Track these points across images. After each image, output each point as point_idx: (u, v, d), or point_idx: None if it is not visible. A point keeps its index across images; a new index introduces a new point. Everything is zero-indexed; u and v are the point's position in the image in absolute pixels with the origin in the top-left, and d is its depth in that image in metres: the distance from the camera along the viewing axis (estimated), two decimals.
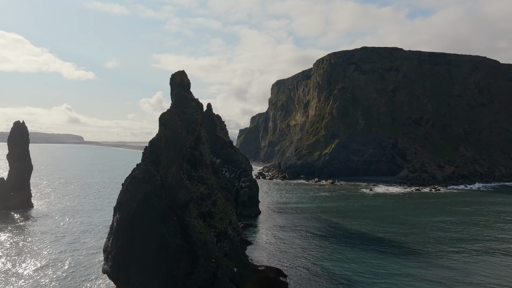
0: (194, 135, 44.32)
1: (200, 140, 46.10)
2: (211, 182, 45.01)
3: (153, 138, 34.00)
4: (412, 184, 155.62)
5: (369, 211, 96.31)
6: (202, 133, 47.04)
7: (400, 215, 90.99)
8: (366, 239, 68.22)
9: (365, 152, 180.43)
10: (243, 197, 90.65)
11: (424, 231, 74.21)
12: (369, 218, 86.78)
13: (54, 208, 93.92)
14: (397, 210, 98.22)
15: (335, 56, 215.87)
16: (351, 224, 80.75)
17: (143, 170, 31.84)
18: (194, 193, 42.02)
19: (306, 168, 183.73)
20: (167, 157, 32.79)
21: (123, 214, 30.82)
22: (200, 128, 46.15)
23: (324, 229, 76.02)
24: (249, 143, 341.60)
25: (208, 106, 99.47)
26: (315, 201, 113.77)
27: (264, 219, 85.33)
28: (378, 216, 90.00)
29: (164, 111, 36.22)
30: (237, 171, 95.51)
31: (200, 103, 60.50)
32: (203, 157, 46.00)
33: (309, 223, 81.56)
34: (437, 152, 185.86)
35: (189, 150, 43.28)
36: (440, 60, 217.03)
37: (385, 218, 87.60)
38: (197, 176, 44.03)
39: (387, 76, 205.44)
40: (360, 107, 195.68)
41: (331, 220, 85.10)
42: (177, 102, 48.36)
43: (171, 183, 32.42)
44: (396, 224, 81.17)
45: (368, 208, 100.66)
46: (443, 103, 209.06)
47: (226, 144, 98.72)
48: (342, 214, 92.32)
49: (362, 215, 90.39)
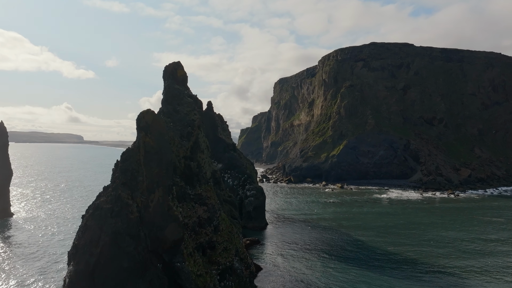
0: (190, 141, 34.02)
1: (198, 147, 35.72)
2: (212, 202, 34.56)
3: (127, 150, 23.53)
4: (428, 188, 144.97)
5: (390, 223, 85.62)
6: (201, 138, 36.58)
7: (428, 228, 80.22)
8: (395, 261, 57.60)
9: (376, 153, 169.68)
10: (248, 208, 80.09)
11: (466, 250, 63.58)
12: (393, 233, 76.13)
13: (36, 218, 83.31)
14: (422, 222, 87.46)
15: (342, 52, 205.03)
16: (373, 240, 70.09)
17: (111, 198, 21.44)
18: (191, 219, 31.45)
19: (313, 170, 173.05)
20: (148, 176, 22.48)
21: (80, 265, 20.38)
22: (198, 131, 35.79)
23: (344, 247, 65.38)
24: (251, 143, 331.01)
25: (209, 104, 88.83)
26: (326, 209, 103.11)
27: (272, 234, 74.68)
28: (402, 229, 79.30)
29: (144, 110, 25.72)
30: (241, 177, 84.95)
31: (199, 100, 49.98)
32: (202, 169, 35.60)
33: (325, 239, 70.91)
34: (451, 154, 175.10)
35: (183, 161, 32.94)
36: (453, 57, 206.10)
37: (411, 231, 76.91)
38: (195, 194, 33.60)
39: (398, 73, 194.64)
40: (369, 106, 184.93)
41: (349, 234, 74.45)
42: (168, 97, 37.72)
43: (154, 216, 22.04)
44: (427, 241, 70.48)
45: (388, 219, 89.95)
46: (456, 101, 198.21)
47: (229, 147, 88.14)
48: (360, 226, 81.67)
49: (383, 229, 79.73)
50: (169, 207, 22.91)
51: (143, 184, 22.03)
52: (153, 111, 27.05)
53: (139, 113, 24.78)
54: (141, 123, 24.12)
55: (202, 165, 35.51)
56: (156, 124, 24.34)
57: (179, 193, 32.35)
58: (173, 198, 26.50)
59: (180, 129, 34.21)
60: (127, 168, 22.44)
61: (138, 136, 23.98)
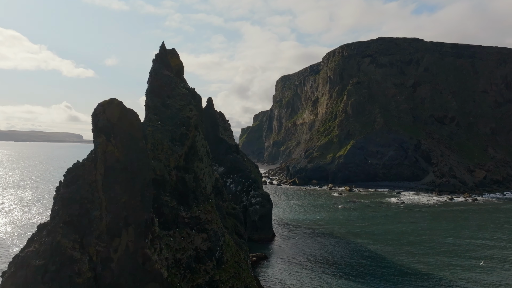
0: (184, 146, 25.54)
1: (196, 154, 27.19)
2: (214, 228, 26.04)
3: (74, 165, 14.91)
4: (442, 191, 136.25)
5: (411, 232, 76.88)
6: (199, 142, 27.92)
7: (454, 237, 71.49)
8: (426, 278, 48.89)
9: (385, 154, 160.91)
10: (253, 217, 71.37)
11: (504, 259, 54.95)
12: (415, 244, 67.44)
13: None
14: (446, 230, 78.70)
15: (348, 48, 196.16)
16: (395, 253, 61.42)
17: (44, 248, 12.68)
18: (185, 252, 22.83)
19: (318, 172, 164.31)
20: (110, 209, 13.78)
21: None
22: (195, 133, 27.24)
23: (361, 262, 56.71)
24: (252, 143, 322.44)
25: (209, 101, 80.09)
26: (337, 216, 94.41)
27: (280, 247, 65.98)
28: (424, 239, 70.59)
29: (106, 100, 16.97)
30: (245, 182, 76.25)
31: (197, 94, 41.11)
32: (200, 183, 27.08)
33: (340, 253, 62.24)
34: (464, 154, 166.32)
35: (175, 173, 24.42)
36: (463, 52, 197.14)
37: (435, 241, 68.20)
38: (190, 218, 25.11)
39: (407, 69, 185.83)
40: (377, 104, 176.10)
41: (366, 247, 65.77)
42: (155, 87, 28.48)
43: (120, 274, 13.40)
44: (457, 254, 61.77)
45: (407, 227, 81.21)
46: (468, 99, 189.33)
47: (231, 149, 79.46)
48: (377, 236, 72.98)
49: (404, 239, 71.03)
50: (145, 258, 14.66)
51: (101, 223, 13.66)
52: (120, 102, 18.37)
53: (97, 105, 16.12)
54: (100, 122, 15.52)
55: (201, 178, 26.93)
56: (125, 123, 15.94)
57: (170, 217, 23.80)
58: (154, 239, 17.83)
59: (171, 130, 25.63)
60: (73, 196, 13.94)
61: (95, 142, 15.57)
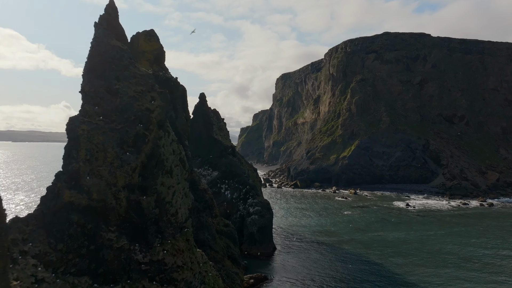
0: (141, 154, 16.86)
1: (160, 165, 18.36)
2: (187, 277, 17.30)
3: None
4: (453, 195, 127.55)
5: (427, 243, 68.11)
6: (167, 147, 19.16)
7: (481, 250, 62.75)
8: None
9: (391, 155, 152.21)
10: (251, 228, 62.65)
11: None
12: (435, 256, 58.70)
13: None
14: (467, 240, 69.95)
15: (352, 43, 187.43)
16: (414, 269, 52.68)
17: None
18: None
19: (321, 174, 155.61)
20: None
21: None
22: (158, 133, 18.50)
23: (377, 283, 48.05)
24: (251, 143, 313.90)
25: (201, 97, 71.33)
26: (344, 224, 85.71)
27: (282, 264, 57.21)
28: (447, 252, 61.86)
29: None
30: (242, 189, 67.55)
31: (173, 79, 32.38)
32: (167, 208, 18.39)
33: (351, 270, 53.50)
34: (475, 155, 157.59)
35: (125, 197, 15.80)
36: (472, 48, 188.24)
37: (462, 255, 59.48)
38: (151, 262, 16.36)
39: (413, 66, 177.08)
40: (383, 102, 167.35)
41: (381, 263, 57.08)
42: (96, 63, 19.38)
43: None
44: (493, 272, 53.10)
45: (422, 237, 72.41)
46: (477, 97, 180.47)
47: (227, 151, 70.72)
48: (392, 249, 64.24)
49: (422, 252, 62.29)
50: None
51: None
52: None
53: None
54: None
55: (169, 200, 18.45)
56: None
57: (115, 264, 15.39)
58: None
59: (120, 129, 17.06)
60: None
61: None
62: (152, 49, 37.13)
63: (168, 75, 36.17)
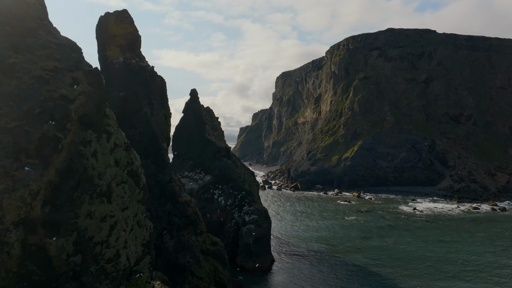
0: (48, 172, 10.58)
1: (88, 186, 12.20)
2: None
3: None
4: (462, 198, 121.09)
5: (443, 255, 61.73)
6: (101, 156, 12.96)
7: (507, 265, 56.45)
8: None
9: (396, 156, 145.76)
10: (247, 239, 56.31)
11: None
12: (454, 273, 52.32)
13: None
14: (487, 251, 63.57)
15: (354, 40, 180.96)
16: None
17: None
18: None
19: (322, 175, 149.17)
20: None
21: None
22: (80, 135, 12.22)
23: None
24: (251, 143, 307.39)
25: (192, 93, 64.92)
26: (348, 231, 79.33)
27: (281, 282, 50.81)
28: (466, 264, 55.50)
29: None
30: (237, 195, 61.20)
31: (149, 68, 26.17)
32: (99, 255, 12.04)
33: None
34: (483, 156, 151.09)
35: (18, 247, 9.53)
36: (479, 45, 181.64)
37: (486, 270, 53.09)
38: None
39: (418, 63, 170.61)
40: (386, 101, 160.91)
41: (392, 280, 50.72)
42: None
43: None
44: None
45: (436, 248, 66.03)
46: (485, 96, 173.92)
47: (221, 152, 64.35)
48: (403, 262, 57.88)
49: (438, 267, 55.92)
50: None
51: None
52: None
53: None
54: None
55: (102, 240, 11.81)
56: None
57: None
58: None
59: (14, 130, 10.88)
60: None
61: None
62: (124, 33, 30.95)
63: (142, 64, 30.03)
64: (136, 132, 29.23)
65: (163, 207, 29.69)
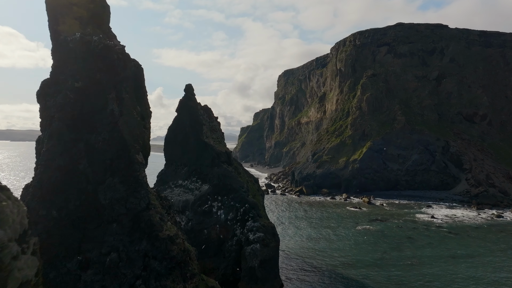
0: None
1: None
2: None
3: None
4: (481, 204, 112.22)
5: (477, 275, 52.94)
6: None
7: None
8: None
9: (408, 158, 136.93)
10: (252, 262, 47.45)
11: None
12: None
13: None
14: None
15: (362, 36, 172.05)
16: None
17: None
18: None
19: (329, 179, 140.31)
20: None
21: None
22: None
23: None
24: (252, 143, 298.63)
25: (187, 90, 56.10)
26: (362, 245, 70.51)
27: None
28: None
29: None
30: (239, 208, 52.38)
31: (117, 49, 17.43)
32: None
33: None
34: (500, 158, 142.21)
35: None
36: (493, 41, 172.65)
37: None
38: None
39: (430, 60, 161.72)
40: (396, 100, 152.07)
41: None
42: None
43: None
44: None
45: (465, 266, 57.18)
46: (499, 94, 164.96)
47: (220, 158, 55.55)
48: (431, 285, 49.08)
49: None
50: None
51: None
52: None
53: None
54: None
55: None
56: None
57: None
58: None
59: None
60: None
61: None
62: (85, 2, 22.24)
63: (107, 42, 21.35)
64: (98, 139, 20.46)
65: (137, 245, 21.02)
